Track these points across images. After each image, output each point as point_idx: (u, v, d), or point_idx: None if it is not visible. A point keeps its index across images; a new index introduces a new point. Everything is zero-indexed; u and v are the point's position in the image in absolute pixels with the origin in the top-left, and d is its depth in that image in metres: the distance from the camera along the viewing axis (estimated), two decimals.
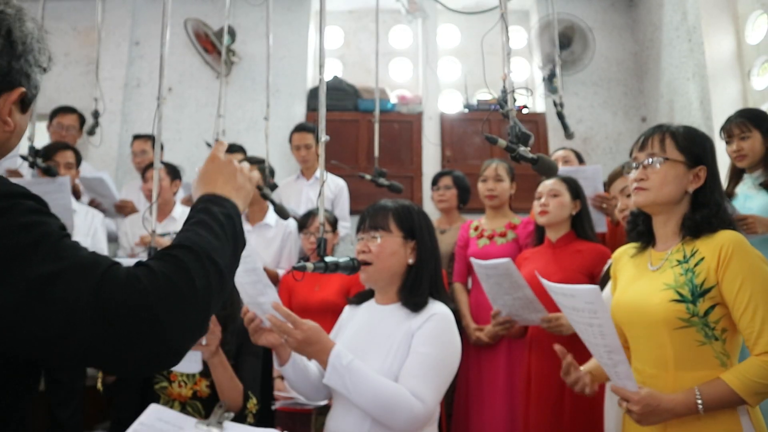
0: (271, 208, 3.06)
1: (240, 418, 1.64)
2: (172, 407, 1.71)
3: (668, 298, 1.30)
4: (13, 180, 0.81)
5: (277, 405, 2.12)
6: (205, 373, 1.67)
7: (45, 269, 0.69)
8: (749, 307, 1.23)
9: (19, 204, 0.73)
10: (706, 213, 1.33)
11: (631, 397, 1.29)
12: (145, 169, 3.05)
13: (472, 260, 2.14)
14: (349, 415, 1.38)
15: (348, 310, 1.63)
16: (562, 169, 2.63)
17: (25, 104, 0.85)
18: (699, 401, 1.23)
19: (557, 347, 1.48)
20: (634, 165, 1.42)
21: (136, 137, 3.61)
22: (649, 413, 1.26)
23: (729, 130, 2.37)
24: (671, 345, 1.30)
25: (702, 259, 1.30)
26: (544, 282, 1.34)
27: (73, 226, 2.66)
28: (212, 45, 4.27)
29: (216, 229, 0.84)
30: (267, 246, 2.95)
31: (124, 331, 0.69)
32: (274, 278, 2.83)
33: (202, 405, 1.75)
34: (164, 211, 2.97)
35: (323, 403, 1.83)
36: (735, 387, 1.21)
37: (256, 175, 1.06)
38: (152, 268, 0.74)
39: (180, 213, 3.06)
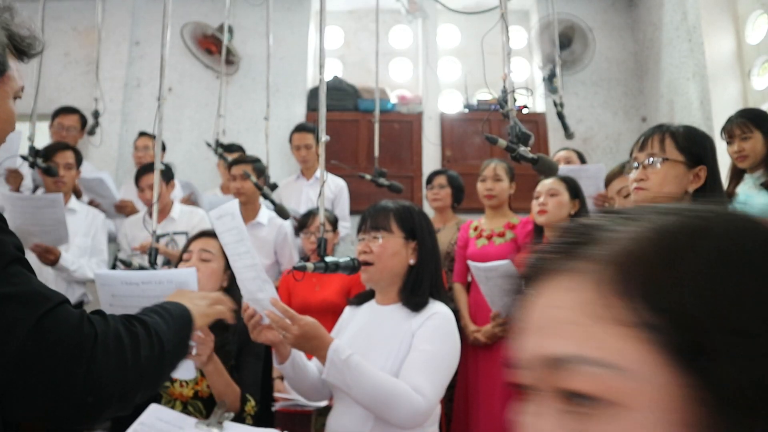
0: (263, 206, 3.07)
1: (238, 420, 1.64)
2: (173, 407, 1.70)
3: None
4: (12, 181, 0.80)
5: (277, 406, 2.12)
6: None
7: None
8: None
9: None
10: None
11: None
12: (138, 176, 3.02)
13: (470, 263, 2.14)
14: (351, 414, 1.38)
15: (348, 310, 1.63)
16: (565, 168, 2.64)
17: None
18: None
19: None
20: (634, 165, 1.42)
21: (142, 134, 3.62)
22: None
23: (730, 130, 2.36)
24: None
25: None
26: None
27: (68, 236, 2.66)
28: (214, 44, 4.28)
29: (168, 320, 0.89)
30: (260, 245, 2.95)
31: (57, 367, 0.66)
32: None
33: (204, 405, 1.74)
34: (163, 212, 2.97)
35: (323, 404, 1.83)
36: None
37: (222, 309, 1.18)
38: (108, 320, 0.74)
39: (178, 213, 3.05)
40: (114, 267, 3.12)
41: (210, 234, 1.82)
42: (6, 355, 0.64)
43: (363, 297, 1.60)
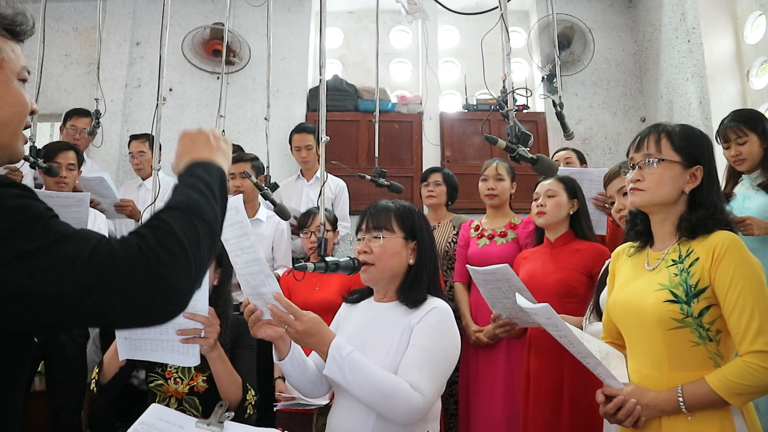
0: (262, 204, 3.08)
1: (240, 410, 1.65)
2: (168, 404, 1.71)
3: (662, 299, 1.30)
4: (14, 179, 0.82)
5: (279, 406, 2.12)
6: (201, 368, 1.67)
7: (37, 244, 0.71)
8: (737, 306, 1.23)
9: (4, 192, 0.74)
10: (702, 214, 1.32)
11: (617, 393, 1.31)
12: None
13: (469, 268, 2.15)
14: (353, 412, 1.38)
15: (345, 308, 1.64)
16: (568, 170, 2.64)
17: None
18: (680, 399, 1.24)
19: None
20: (630, 165, 1.42)
21: (133, 138, 3.62)
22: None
23: (725, 134, 2.34)
24: (665, 345, 1.30)
25: (697, 259, 1.29)
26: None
27: None
28: (221, 44, 4.29)
29: (201, 187, 0.87)
30: (258, 241, 2.96)
31: (122, 281, 0.72)
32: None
33: (200, 400, 1.75)
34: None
35: (323, 402, 1.84)
36: (715, 388, 1.22)
37: (228, 141, 1.10)
38: (141, 232, 0.77)
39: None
40: None
41: None
42: (75, 285, 0.70)
43: (359, 295, 1.61)
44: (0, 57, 0.83)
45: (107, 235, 0.76)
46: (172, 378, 1.75)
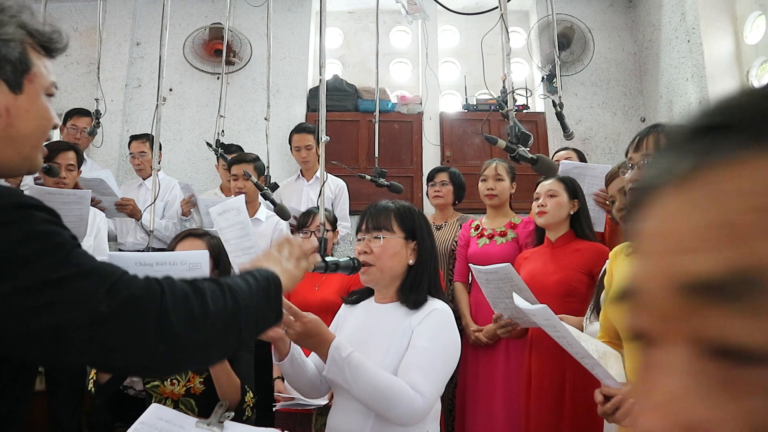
0: (262, 204, 3.08)
1: (239, 412, 1.65)
2: (164, 405, 1.71)
3: None
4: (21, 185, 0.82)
5: (278, 406, 2.13)
6: (198, 369, 1.67)
7: (59, 273, 0.71)
8: None
9: (32, 215, 0.74)
10: None
11: (615, 393, 1.31)
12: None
13: (471, 266, 2.15)
14: (352, 412, 1.38)
15: (344, 308, 1.64)
16: (571, 165, 2.64)
17: (8, 83, 0.82)
18: None
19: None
20: (629, 165, 1.42)
21: (133, 138, 3.63)
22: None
23: None
24: None
25: None
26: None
27: (85, 235, 2.70)
28: (222, 43, 4.31)
29: (249, 280, 0.89)
30: (258, 240, 2.97)
31: (133, 321, 0.72)
32: None
33: (196, 402, 1.75)
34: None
35: (323, 402, 1.84)
36: None
37: (306, 266, 1.12)
38: (172, 282, 0.77)
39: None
40: None
41: (196, 235, 1.81)
42: (84, 319, 0.70)
43: (359, 295, 1.61)
44: (33, 72, 0.85)
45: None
46: (169, 379, 1.75)
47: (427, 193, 3.22)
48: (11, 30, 0.82)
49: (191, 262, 1.36)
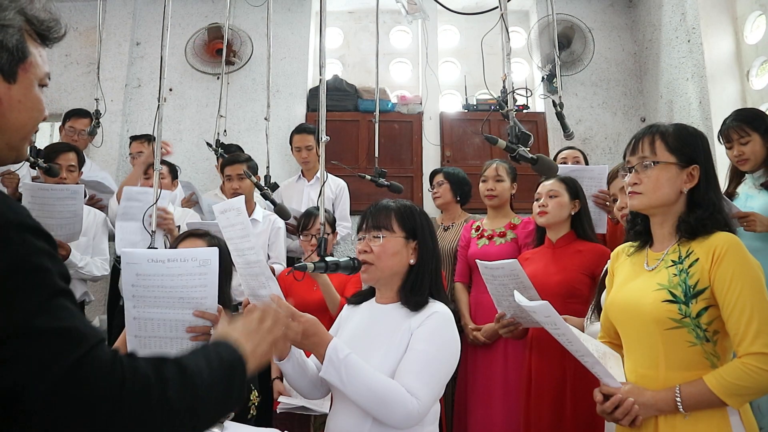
0: (259, 203, 3.09)
1: (243, 410, 1.65)
2: None
3: (661, 299, 1.30)
4: (10, 181, 0.80)
5: (280, 408, 2.13)
6: None
7: (32, 323, 0.67)
8: (736, 308, 1.23)
9: (31, 241, 0.71)
10: (701, 214, 1.32)
11: (615, 392, 1.31)
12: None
13: (478, 262, 2.14)
14: (350, 415, 1.38)
15: (347, 309, 1.63)
16: (568, 168, 2.64)
17: (3, 71, 0.80)
18: (678, 399, 1.25)
19: None
20: (627, 168, 1.42)
21: (133, 139, 3.63)
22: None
23: (727, 135, 2.34)
24: (662, 345, 1.30)
25: (696, 260, 1.29)
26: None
27: (80, 232, 2.70)
28: (222, 43, 4.31)
29: (214, 365, 0.84)
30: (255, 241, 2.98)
31: (84, 408, 0.68)
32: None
33: None
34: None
35: (326, 410, 1.84)
36: (713, 388, 1.22)
37: (276, 339, 1.09)
38: (138, 363, 0.73)
39: (179, 215, 3.06)
40: (115, 267, 3.13)
41: (197, 235, 1.81)
42: (39, 390, 0.66)
43: (362, 296, 1.60)
44: (28, 61, 0.82)
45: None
46: None
47: (421, 194, 3.23)
48: (11, 15, 0.79)
49: (202, 259, 1.36)
